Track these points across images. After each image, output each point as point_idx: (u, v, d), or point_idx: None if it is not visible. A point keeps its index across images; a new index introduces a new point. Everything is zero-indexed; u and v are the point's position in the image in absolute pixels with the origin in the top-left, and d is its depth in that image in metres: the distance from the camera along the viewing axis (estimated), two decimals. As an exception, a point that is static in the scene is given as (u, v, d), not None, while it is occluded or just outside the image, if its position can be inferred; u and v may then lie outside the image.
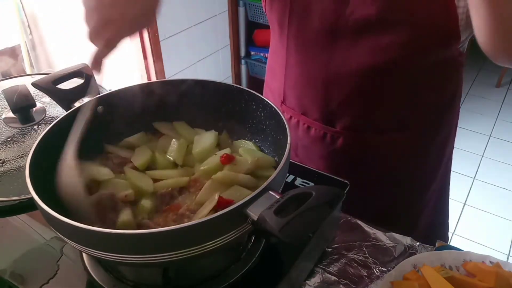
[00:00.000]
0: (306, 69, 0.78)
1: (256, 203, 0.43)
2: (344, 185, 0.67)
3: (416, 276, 0.56)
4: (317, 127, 0.83)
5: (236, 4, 2.44)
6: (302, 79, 0.80)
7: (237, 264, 0.56)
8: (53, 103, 0.81)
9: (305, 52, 0.77)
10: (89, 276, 0.56)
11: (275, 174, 0.47)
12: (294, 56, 0.79)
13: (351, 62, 0.72)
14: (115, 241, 0.43)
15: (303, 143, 0.87)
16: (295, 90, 0.83)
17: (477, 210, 2.22)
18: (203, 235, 0.43)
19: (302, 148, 0.88)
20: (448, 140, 0.88)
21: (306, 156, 0.88)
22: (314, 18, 0.73)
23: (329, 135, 0.82)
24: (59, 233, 0.47)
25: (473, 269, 0.57)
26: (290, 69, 0.82)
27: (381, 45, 0.69)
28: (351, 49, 0.71)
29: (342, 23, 0.70)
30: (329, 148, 0.83)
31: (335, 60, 0.73)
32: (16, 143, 0.73)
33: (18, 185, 0.65)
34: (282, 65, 0.83)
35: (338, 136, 0.81)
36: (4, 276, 0.57)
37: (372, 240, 0.68)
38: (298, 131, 0.87)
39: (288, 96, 0.86)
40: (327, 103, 0.78)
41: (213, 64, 2.48)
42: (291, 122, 0.88)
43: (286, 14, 0.76)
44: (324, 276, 0.63)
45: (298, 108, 0.84)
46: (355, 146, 0.81)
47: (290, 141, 0.53)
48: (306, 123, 0.84)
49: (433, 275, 0.54)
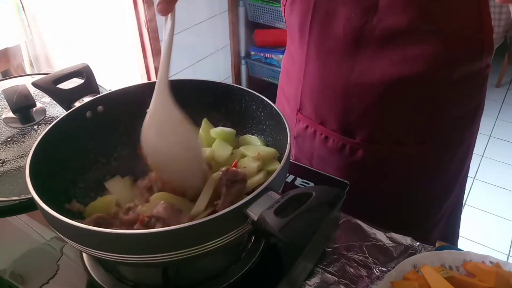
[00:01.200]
0: (326, 77, 0.75)
1: (256, 203, 0.43)
2: (344, 185, 0.67)
3: (416, 276, 0.56)
4: (335, 138, 0.80)
5: (236, 4, 2.44)
6: (321, 87, 0.77)
7: (237, 264, 0.56)
8: (53, 103, 0.81)
9: (326, 59, 0.74)
10: (89, 276, 0.56)
11: (275, 174, 0.47)
12: (314, 63, 0.76)
13: (375, 72, 0.69)
14: (115, 241, 0.43)
15: (319, 154, 0.84)
16: (313, 99, 0.80)
17: (477, 210, 2.22)
18: (203, 235, 0.43)
19: (317, 158, 0.85)
20: (468, 153, 0.85)
21: (321, 166, 0.85)
22: (338, 24, 0.69)
23: (348, 146, 0.79)
24: (59, 233, 0.47)
25: (473, 269, 0.57)
26: (309, 76, 0.78)
27: (408, 56, 0.66)
28: (375, 59, 0.68)
29: (368, 31, 0.66)
30: (347, 159, 0.80)
31: (357, 69, 0.70)
32: (16, 143, 0.73)
33: (18, 185, 0.65)
34: (300, 72, 0.80)
35: (358, 148, 0.78)
36: (4, 276, 0.57)
37: (372, 240, 0.68)
38: (314, 142, 0.84)
39: (305, 104, 0.82)
40: (346, 114, 0.75)
41: (213, 64, 2.48)
42: (307, 131, 0.85)
43: (308, 18, 0.73)
44: (324, 276, 0.63)
45: (316, 117, 0.81)
46: (374, 159, 0.78)
47: (290, 141, 0.53)
48: (323, 133, 0.81)
49: (433, 275, 0.54)
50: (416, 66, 0.66)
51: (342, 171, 0.82)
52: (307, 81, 0.79)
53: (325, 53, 0.74)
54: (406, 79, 0.68)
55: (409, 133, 0.76)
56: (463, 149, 0.82)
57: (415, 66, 0.66)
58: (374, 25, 0.66)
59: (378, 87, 0.70)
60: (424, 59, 0.65)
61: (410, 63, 0.66)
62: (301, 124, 0.86)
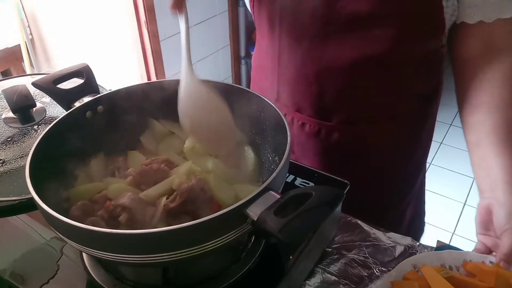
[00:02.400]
0: (298, 65, 0.79)
1: (256, 203, 0.43)
2: (344, 185, 0.67)
3: (416, 276, 0.56)
4: (311, 123, 0.83)
5: (236, 4, 2.43)
6: (295, 75, 0.81)
7: (237, 264, 0.56)
8: (53, 103, 0.81)
9: (297, 48, 0.78)
10: (89, 276, 0.56)
11: (275, 174, 0.47)
12: (287, 53, 0.80)
13: (343, 56, 0.73)
14: (115, 241, 0.43)
15: (299, 140, 0.88)
16: (288, 87, 0.84)
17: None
18: (203, 235, 0.43)
19: (298, 145, 0.89)
20: (432, 129, 0.91)
21: (302, 153, 0.89)
22: (305, 14, 0.73)
23: (324, 130, 0.82)
24: (59, 233, 0.47)
25: (473, 269, 0.57)
26: (283, 67, 0.82)
27: (372, 38, 0.70)
28: (342, 43, 0.72)
29: (333, 18, 0.71)
30: (324, 143, 0.84)
31: (327, 55, 0.74)
32: (16, 143, 0.73)
33: (18, 185, 0.65)
34: (274, 63, 0.84)
35: (333, 130, 0.82)
36: (4, 276, 0.57)
37: (372, 240, 0.68)
38: (293, 129, 0.87)
39: (281, 94, 0.86)
40: (320, 98, 0.79)
41: (213, 64, 2.48)
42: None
43: (276, 12, 0.77)
44: (324, 276, 0.63)
45: (292, 105, 0.85)
46: (350, 139, 0.82)
47: (290, 141, 0.53)
48: (300, 119, 0.85)
49: (433, 275, 0.54)
50: (379, 46, 0.71)
51: (321, 155, 0.86)
52: (281, 71, 0.83)
53: (296, 43, 0.77)
54: (371, 59, 0.72)
55: (378, 111, 0.80)
56: (430, 124, 0.88)
57: (378, 46, 0.71)
58: (338, 12, 0.70)
59: (347, 70, 0.74)
60: (386, 39, 0.70)
61: (374, 44, 0.71)
62: None
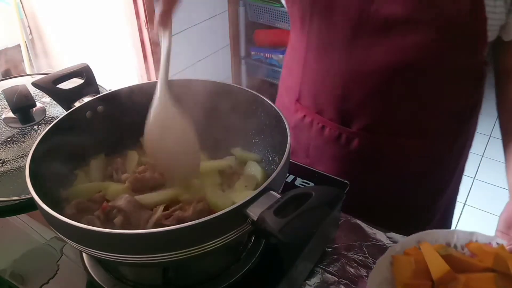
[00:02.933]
0: (325, 66, 0.76)
1: (256, 203, 0.43)
2: (344, 185, 0.67)
3: (416, 252, 0.56)
4: (332, 127, 0.80)
5: (236, 4, 2.43)
6: (320, 76, 0.78)
7: (237, 264, 0.56)
8: (53, 103, 0.81)
9: (325, 48, 0.75)
10: (89, 276, 0.56)
11: (275, 174, 0.47)
12: (314, 53, 0.77)
13: (372, 61, 0.70)
14: (115, 241, 0.43)
15: (316, 144, 0.85)
16: (312, 88, 0.81)
17: (477, 210, 2.22)
18: (203, 235, 0.43)
19: (314, 149, 0.86)
20: (464, 151, 0.86)
21: (318, 157, 0.86)
22: (337, 14, 0.71)
23: (344, 136, 0.79)
24: (59, 233, 0.47)
25: (475, 249, 0.57)
26: (309, 66, 0.80)
27: (405, 44, 0.67)
28: (373, 47, 0.69)
29: (366, 20, 0.68)
30: (343, 149, 0.81)
31: (355, 58, 0.72)
32: (16, 143, 0.73)
33: (18, 185, 0.65)
34: (300, 62, 0.81)
35: (353, 137, 0.79)
36: (4, 276, 0.57)
37: (372, 240, 0.68)
38: (311, 131, 0.84)
39: (303, 94, 0.84)
40: (344, 102, 0.76)
41: (213, 64, 2.48)
42: (304, 121, 0.85)
43: (308, 9, 0.74)
44: (324, 276, 0.63)
45: (314, 106, 0.82)
46: (370, 149, 0.79)
47: (290, 141, 0.53)
48: (320, 122, 0.82)
49: (431, 252, 0.55)
50: (412, 55, 0.67)
51: (337, 161, 0.83)
52: (307, 70, 0.81)
53: (325, 43, 0.75)
54: (402, 67, 0.69)
55: (405, 124, 0.76)
56: (459, 145, 0.83)
57: (411, 55, 0.67)
58: (371, 14, 0.67)
59: (375, 76, 0.71)
60: (420, 47, 0.66)
61: (406, 52, 0.67)
62: (299, 113, 0.86)
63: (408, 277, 0.53)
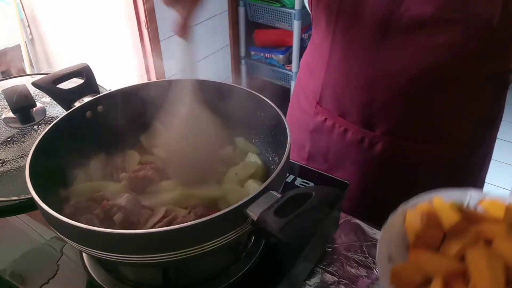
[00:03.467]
0: (350, 67, 0.75)
1: (256, 203, 0.43)
2: (344, 185, 0.67)
3: (428, 207, 0.56)
4: (354, 130, 0.79)
5: (236, 4, 2.44)
6: (344, 77, 0.77)
7: (237, 264, 0.56)
8: (53, 103, 0.81)
9: (351, 48, 0.74)
10: (89, 276, 0.56)
11: (275, 174, 0.47)
12: (339, 53, 0.76)
13: (400, 62, 0.69)
14: (115, 241, 0.43)
15: (337, 148, 0.83)
16: (335, 90, 0.80)
17: (477, 210, 2.22)
18: (203, 235, 0.43)
19: (334, 153, 0.84)
20: (486, 160, 0.85)
21: (338, 162, 0.84)
22: (365, 13, 0.69)
23: (367, 139, 0.78)
24: (59, 233, 0.47)
25: (487, 205, 0.56)
26: (333, 67, 0.78)
27: (433, 45, 0.66)
28: (401, 48, 0.68)
29: (395, 20, 0.67)
30: (365, 154, 0.79)
31: (382, 59, 0.70)
32: (16, 143, 0.73)
33: (18, 185, 0.65)
34: (323, 63, 0.80)
35: (377, 141, 0.77)
36: (4, 276, 0.57)
37: (372, 240, 0.68)
38: (332, 135, 0.83)
39: (325, 96, 0.82)
40: (368, 105, 0.75)
41: (213, 64, 2.48)
42: (325, 124, 0.84)
43: (335, 8, 0.73)
44: (324, 276, 0.63)
45: (336, 109, 0.81)
46: (393, 154, 0.77)
47: (290, 141, 0.53)
48: (342, 125, 0.80)
49: (442, 205, 0.55)
50: (441, 56, 0.66)
51: (358, 166, 0.81)
52: (330, 71, 0.79)
53: (351, 43, 0.74)
54: (430, 69, 0.68)
55: (429, 129, 0.75)
56: (481, 153, 0.82)
57: (440, 56, 0.66)
58: (400, 14, 0.66)
59: (402, 78, 0.70)
60: (449, 48, 0.65)
61: (435, 53, 0.66)
62: (319, 117, 0.85)
63: (419, 229, 0.53)
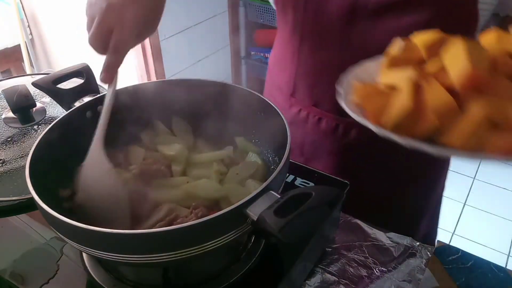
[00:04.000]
0: (320, 55, 0.76)
1: (256, 203, 0.43)
2: (344, 185, 0.67)
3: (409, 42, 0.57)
4: (329, 118, 0.80)
5: (236, 4, 2.44)
6: (316, 66, 0.77)
7: (237, 264, 0.56)
8: (53, 103, 0.81)
9: (320, 37, 0.75)
10: (89, 276, 0.56)
11: (275, 174, 0.47)
12: (309, 43, 0.77)
13: (369, 45, 0.70)
14: (115, 241, 0.43)
15: (312, 139, 0.84)
16: (307, 80, 0.80)
17: (477, 210, 2.22)
18: (203, 235, 0.43)
19: (310, 144, 0.86)
20: None
21: (313, 153, 0.86)
22: (331, 1, 0.70)
23: (341, 126, 0.79)
24: (59, 233, 0.47)
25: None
26: (303, 58, 0.79)
27: (399, 26, 0.67)
28: (370, 31, 0.69)
29: (361, 5, 0.68)
30: (340, 141, 0.80)
31: (352, 44, 0.71)
32: (16, 143, 0.73)
33: (18, 185, 0.65)
34: (293, 55, 0.81)
35: (351, 127, 0.78)
36: (4, 276, 0.57)
37: (372, 240, 0.68)
38: (306, 126, 0.84)
39: (298, 87, 0.83)
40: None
41: (213, 64, 2.48)
42: (299, 116, 0.85)
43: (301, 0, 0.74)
44: (324, 276, 0.63)
45: (309, 99, 0.82)
46: (368, 139, 0.77)
47: (290, 141, 0.53)
48: (317, 115, 0.82)
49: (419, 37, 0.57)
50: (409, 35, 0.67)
51: (334, 156, 0.83)
52: (301, 62, 0.80)
53: (319, 31, 0.74)
54: None
55: None
56: None
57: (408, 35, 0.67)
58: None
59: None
60: (417, 28, 0.65)
61: (403, 33, 0.66)
62: (293, 109, 0.86)
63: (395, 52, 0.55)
